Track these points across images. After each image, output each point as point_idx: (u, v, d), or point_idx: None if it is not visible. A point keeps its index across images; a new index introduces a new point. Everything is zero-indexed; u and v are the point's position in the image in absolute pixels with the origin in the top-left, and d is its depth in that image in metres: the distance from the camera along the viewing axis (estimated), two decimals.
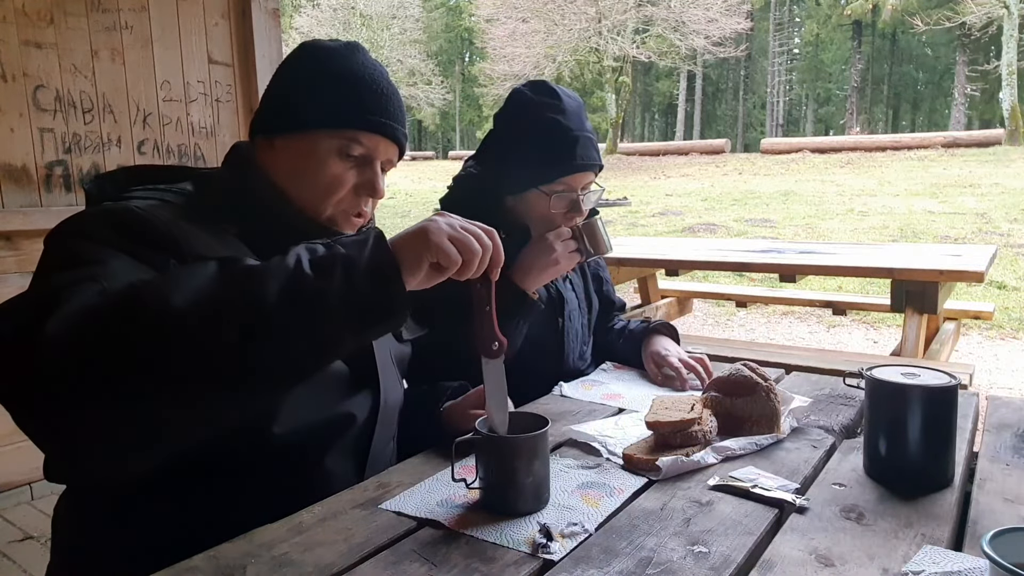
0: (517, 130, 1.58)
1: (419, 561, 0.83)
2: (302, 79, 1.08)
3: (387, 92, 1.09)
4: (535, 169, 1.54)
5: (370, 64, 1.10)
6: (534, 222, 1.58)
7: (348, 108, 1.06)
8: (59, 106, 2.78)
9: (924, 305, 3.31)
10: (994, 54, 25.15)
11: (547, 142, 1.52)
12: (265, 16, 3.41)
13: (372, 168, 1.08)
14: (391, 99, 1.10)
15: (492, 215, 1.58)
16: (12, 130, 2.69)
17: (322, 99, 1.06)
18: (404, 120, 1.12)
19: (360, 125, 1.06)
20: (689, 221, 11.34)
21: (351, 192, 1.08)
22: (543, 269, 1.48)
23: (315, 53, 1.11)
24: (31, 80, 2.70)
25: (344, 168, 1.06)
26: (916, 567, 0.79)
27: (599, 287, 1.83)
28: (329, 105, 1.06)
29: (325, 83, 1.07)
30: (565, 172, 1.53)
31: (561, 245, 1.48)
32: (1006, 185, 12.64)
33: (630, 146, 25.75)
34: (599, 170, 1.62)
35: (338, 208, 1.08)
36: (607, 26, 26.09)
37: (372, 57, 1.13)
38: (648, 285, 5.01)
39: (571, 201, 1.55)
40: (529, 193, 1.56)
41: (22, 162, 2.73)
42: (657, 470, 1.05)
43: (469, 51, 47.71)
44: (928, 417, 1.00)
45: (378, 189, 1.09)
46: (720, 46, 26.52)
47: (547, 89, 1.57)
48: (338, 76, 1.07)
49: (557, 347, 1.62)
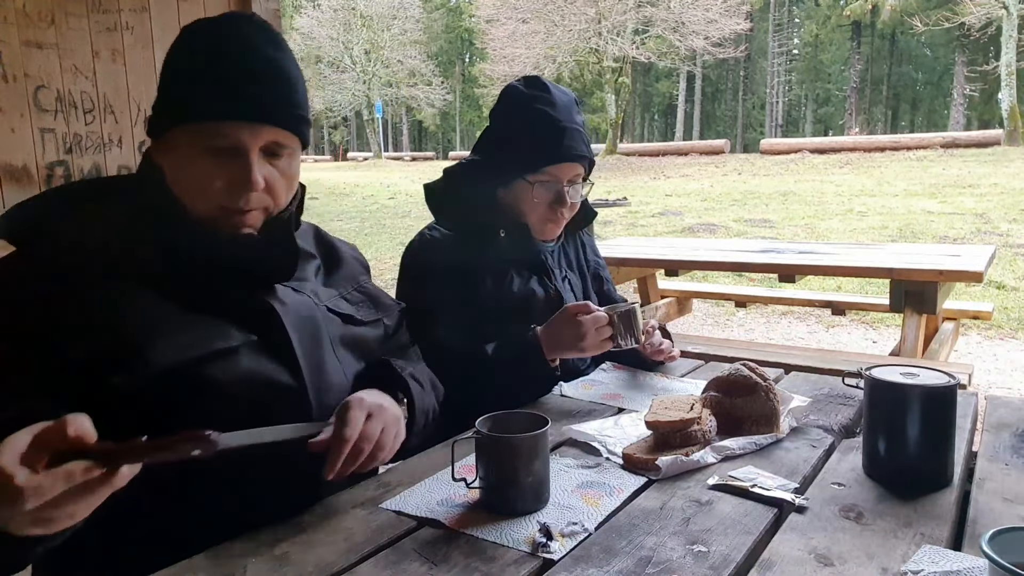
0: (507, 122, 1.59)
1: (419, 561, 0.83)
2: (167, 71, 1.01)
3: (254, 69, 0.98)
4: (522, 159, 1.55)
5: (239, 40, 0.98)
6: (524, 214, 1.58)
7: (202, 97, 0.96)
8: (60, 106, 2.78)
9: (923, 305, 3.31)
10: (993, 54, 25.17)
11: (534, 132, 1.53)
12: (265, 17, 3.41)
13: (243, 160, 0.97)
14: (259, 76, 0.98)
15: (484, 210, 1.60)
16: (13, 130, 2.69)
17: (180, 90, 0.98)
18: (286, 95, 1.00)
19: (216, 114, 0.96)
20: (689, 221, 11.34)
21: (225, 189, 0.98)
22: (568, 348, 1.45)
23: (182, 38, 1.01)
24: (32, 80, 2.70)
25: (212, 163, 0.97)
26: (915, 566, 0.79)
27: (599, 287, 1.83)
28: (186, 96, 0.97)
29: (184, 71, 0.99)
30: (550, 161, 1.53)
31: (594, 334, 1.42)
32: (1005, 185, 12.64)
33: (630, 146, 25.76)
34: (590, 165, 1.62)
35: (215, 206, 0.98)
36: (607, 27, 26.09)
37: (264, 28, 1.02)
38: (648, 285, 5.01)
39: (556, 192, 1.55)
40: (516, 184, 1.57)
41: (23, 162, 2.73)
42: (657, 469, 1.06)
43: (469, 52, 47.68)
44: (927, 417, 1.00)
45: (252, 182, 0.97)
46: (720, 47, 26.52)
47: (539, 83, 1.59)
48: (196, 61, 0.98)
49: None
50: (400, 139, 50.26)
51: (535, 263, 1.64)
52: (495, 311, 1.54)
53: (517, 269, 1.60)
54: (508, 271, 1.59)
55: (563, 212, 1.58)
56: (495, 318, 1.53)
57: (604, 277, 1.86)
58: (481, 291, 1.54)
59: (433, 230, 1.62)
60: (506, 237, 1.57)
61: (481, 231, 1.57)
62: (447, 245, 1.58)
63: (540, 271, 1.64)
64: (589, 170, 1.64)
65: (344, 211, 14.01)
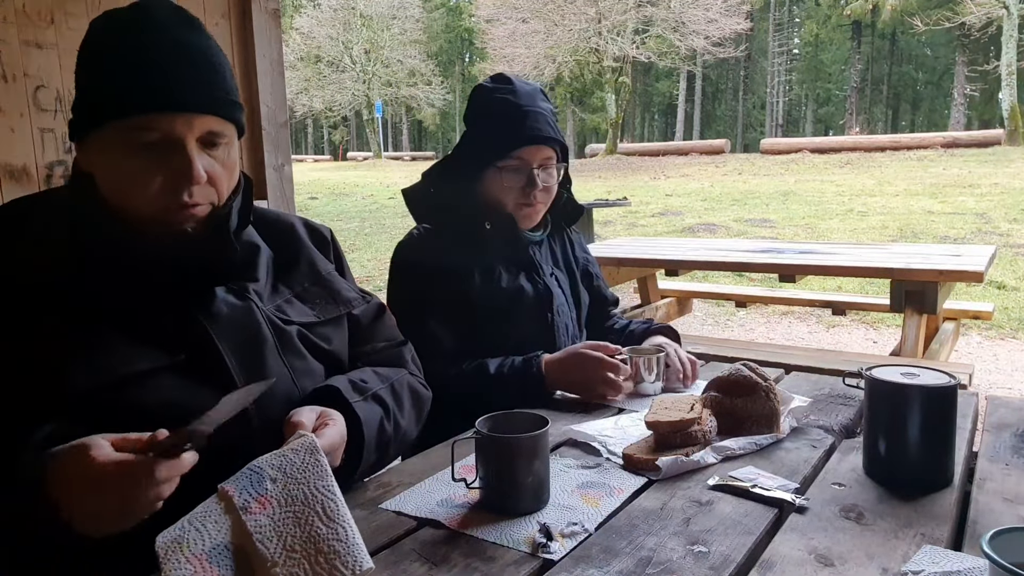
0: (474, 116, 1.64)
1: (419, 561, 0.83)
2: (82, 68, 0.95)
3: (177, 55, 0.92)
4: (489, 147, 1.57)
5: (155, 26, 0.92)
6: (501, 204, 1.59)
7: (127, 90, 0.90)
8: (60, 106, 2.78)
9: (924, 305, 3.31)
10: (993, 54, 25.14)
11: (497, 119, 1.56)
12: (265, 16, 3.41)
13: (181, 152, 0.91)
14: (189, 64, 0.92)
15: (466, 206, 1.61)
16: (12, 130, 2.69)
17: (100, 86, 0.92)
18: (215, 80, 0.94)
19: (145, 107, 0.90)
20: (689, 221, 11.34)
21: (165, 184, 0.92)
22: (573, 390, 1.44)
23: (94, 30, 0.95)
24: (32, 80, 2.70)
25: (147, 161, 0.91)
26: (916, 567, 0.79)
27: (589, 283, 1.84)
28: (108, 91, 0.91)
29: (100, 65, 0.92)
30: (515, 144, 1.55)
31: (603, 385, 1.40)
32: (1005, 185, 12.63)
33: (630, 146, 25.74)
34: (563, 150, 1.63)
35: (158, 205, 0.92)
36: (607, 26, 26.08)
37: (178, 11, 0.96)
38: (648, 285, 5.01)
39: (527, 176, 1.57)
40: (488, 173, 1.59)
41: (22, 162, 2.73)
42: (657, 470, 1.05)
43: (469, 51, 47.69)
44: (928, 417, 1.00)
45: (194, 175, 0.91)
46: (720, 46, 26.51)
47: (503, 78, 1.63)
48: (113, 53, 0.92)
49: (548, 342, 1.62)
50: (400, 139, 50.27)
51: (523, 260, 1.65)
52: (485, 308, 1.55)
53: (505, 265, 1.62)
54: (496, 268, 1.60)
55: (536, 195, 1.58)
56: (485, 315, 1.55)
57: (594, 273, 1.86)
58: (470, 287, 1.55)
59: (421, 229, 1.64)
60: (492, 229, 1.58)
61: (466, 226, 1.59)
62: (435, 243, 1.60)
63: (528, 267, 1.65)
64: (564, 156, 1.65)
65: (344, 211, 14.00)
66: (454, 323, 1.52)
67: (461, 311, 1.53)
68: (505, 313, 1.56)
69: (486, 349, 1.53)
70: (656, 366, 1.46)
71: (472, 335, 1.53)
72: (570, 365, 1.43)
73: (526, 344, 1.54)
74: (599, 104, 30.61)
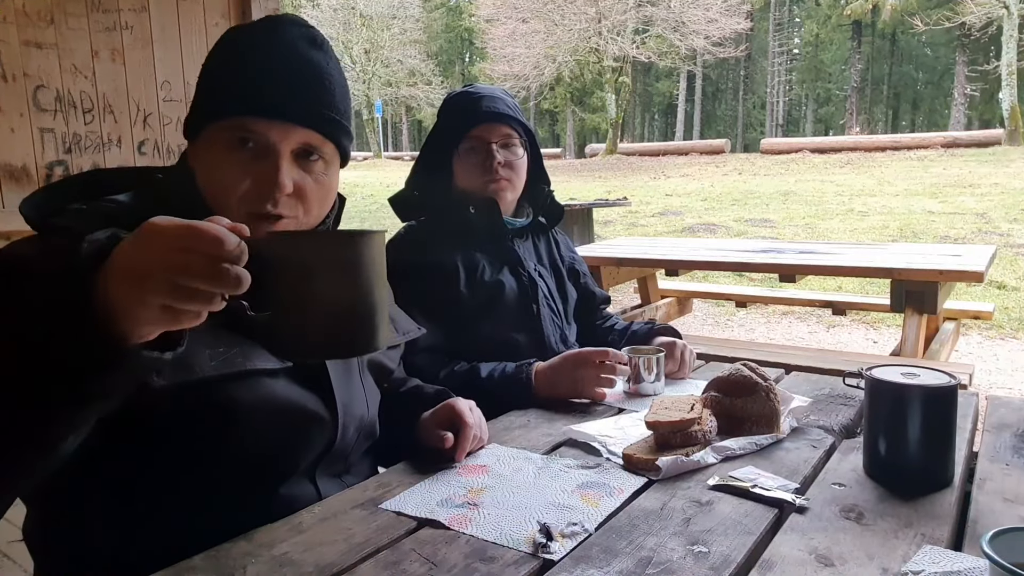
0: (437, 117, 1.70)
1: (419, 561, 0.83)
2: (203, 72, 0.99)
3: (292, 67, 0.94)
4: (448, 134, 1.63)
5: (274, 37, 0.95)
6: (473, 188, 1.62)
7: (232, 92, 0.93)
8: (59, 106, 2.78)
9: (924, 305, 3.31)
10: (994, 54, 25.14)
11: (454, 109, 1.64)
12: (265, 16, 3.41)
13: (272, 160, 0.93)
14: (298, 75, 0.94)
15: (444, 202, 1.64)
16: (12, 130, 2.69)
17: (212, 88, 0.96)
18: (320, 95, 0.96)
19: (245, 109, 0.92)
20: (689, 221, 11.34)
21: (251, 190, 0.93)
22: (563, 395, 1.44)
23: (221, 40, 0.99)
24: (31, 80, 2.70)
25: (240, 163, 0.93)
26: (916, 567, 0.79)
27: (576, 280, 1.84)
28: (216, 92, 0.95)
29: (216, 69, 0.97)
30: (470, 124, 1.59)
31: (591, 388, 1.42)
32: (1006, 185, 12.64)
33: (630, 146, 25.76)
34: (527, 133, 1.65)
35: (245, 209, 0.93)
36: (607, 26, 26.10)
37: (304, 27, 0.99)
38: (648, 285, 5.01)
39: (484, 151, 1.59)
40: (454, 161, 1.63)
41: (22, 162, 2.73)
42: (657, 470, 1.05)
43: (469, 51, 47.71)
44: (928, 417, 1.00)
45: (280, 183, 0.92)
46: (720, 46, 26.54)
47: (469, 85, 1.70)
48: (229, 59, 0.96)
49: (535, 332, 1.63)
50: (400, 139, 50.26)
51: (506, 255, 1.66)
52: (470, 302, 1.57)
53: (489, 260, 1.63)
54: (480, 263, 1.61)
55: (497, 168, 1.59)
56: (470, 309, 1.57)
57: (581, 271, 1.87)
58: (456, 283, 1.57)
59: (408, 227, 1.69)
60: (476, 213, 1.60)
61: (450, 219, 1.62)
62: (420, 240, 1.63)
63: (511, 262, 1.66)
64: (531, 140, 1.67)
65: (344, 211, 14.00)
66: (441, 319, 1.53)
67: (447, 307, 1.55)
68: (490, 307, 1.58)
69: (473, 343, 1.54)
70: (656, 366, 1.47)
71: (459, 330, 1.55)
72: (561, 371, 1.43)
73: (513, 336, 1.56)
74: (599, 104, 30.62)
